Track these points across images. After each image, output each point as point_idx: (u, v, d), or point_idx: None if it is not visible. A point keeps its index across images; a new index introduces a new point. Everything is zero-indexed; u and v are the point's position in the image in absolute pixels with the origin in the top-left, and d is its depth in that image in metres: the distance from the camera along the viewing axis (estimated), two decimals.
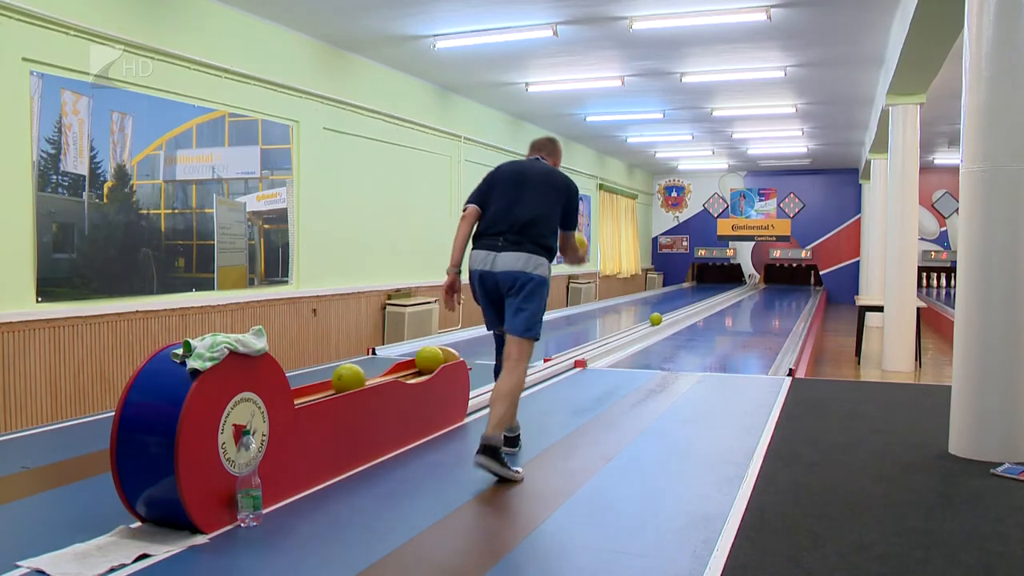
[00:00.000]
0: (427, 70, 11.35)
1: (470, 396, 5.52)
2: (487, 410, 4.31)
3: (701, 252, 25.44)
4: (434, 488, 4.02)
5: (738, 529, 3.32)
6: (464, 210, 4.60)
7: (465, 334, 10.76)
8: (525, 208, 4.40)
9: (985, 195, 4.55)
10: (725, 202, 24.98)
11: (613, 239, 21.17)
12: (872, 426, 5.40)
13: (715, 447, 4.92)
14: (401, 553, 3.12)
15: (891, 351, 10.74)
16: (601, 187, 20.34)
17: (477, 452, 3.99)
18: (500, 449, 4.01)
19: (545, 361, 7.58)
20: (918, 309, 10.95)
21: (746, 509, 3.57)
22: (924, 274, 20.79)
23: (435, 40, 9.71)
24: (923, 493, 3.93)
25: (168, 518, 3.19)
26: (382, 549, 3.14)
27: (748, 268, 24.99)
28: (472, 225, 4.57)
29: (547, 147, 4.86)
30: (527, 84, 12.36)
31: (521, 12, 8.84)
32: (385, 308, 10.82)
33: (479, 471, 3.97)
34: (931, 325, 13.87)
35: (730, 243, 24.94)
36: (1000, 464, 4.33)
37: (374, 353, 8.25)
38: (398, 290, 11.15)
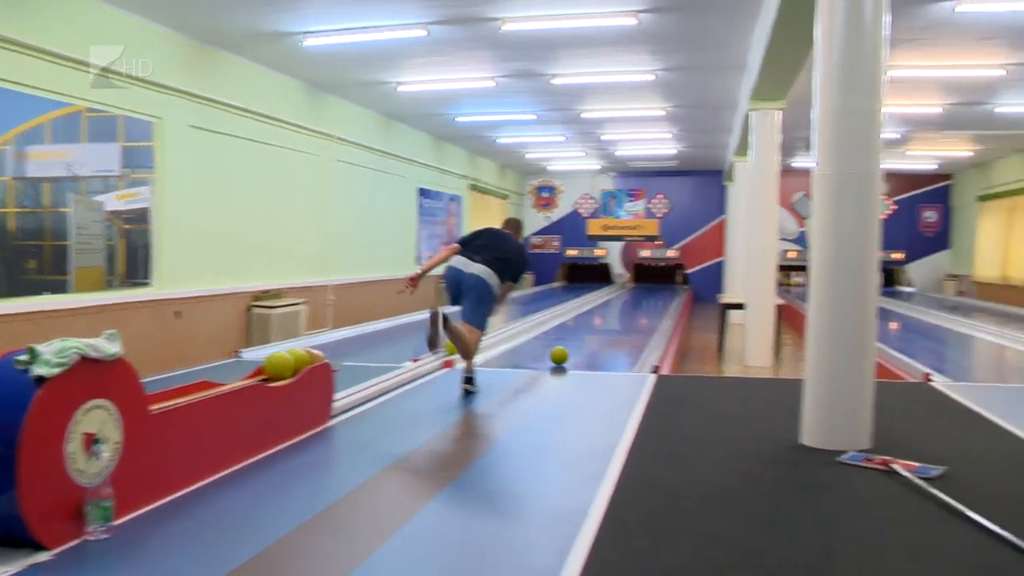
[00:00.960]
0: (297, 68, 11.18)
1: (335, 398, 5.45)
2: (356, 411, 5.31)
3: (572, 252, 25.79)
4: (299, 490, 3.97)
5: (600, 524, 3.38)
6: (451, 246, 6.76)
7: (336, 335, 10.63)
8: (499, 252, 6.53)
9: (835, 197, 4.76)
10: (596, 203, 25.39)
11: None
12: (731, 420, 5.59)
13: (580, 444, 5.00)
14: (265, 556, 3.07)
15: (751, 347, 11.13)
16: (472, 187, 20.41)
17: (463, 381, 6.33)
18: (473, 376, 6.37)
19: (414, 361, 7.56)
20: (777, 306, 11.37)
21: (608, 505, 3.64)
22: (784, 272, 21.53)
23: (304, 37, 9.57)
24: (775, 483, 4.10)
25: (7, 535, 3.03)
26: (243, 554, 3.07)
27: (617, 268, 25.47)
28: (449, 256, 6.65)
29: (515, 227, 7.20)
30: (398, 84, 12.30)
31: (392, 11, 8.81)
32: (251, 310, 10.60)
33: (338, 476, 3.95)
34: (790, 321, 14.41)
35: (600, 243, 25.36)
36: (845, 452, 4.53)
37: (239, 356, 8.07)
38: (266, 291, 10.94)
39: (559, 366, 7.66)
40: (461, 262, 6.47)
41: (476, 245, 6.61)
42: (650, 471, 4.27)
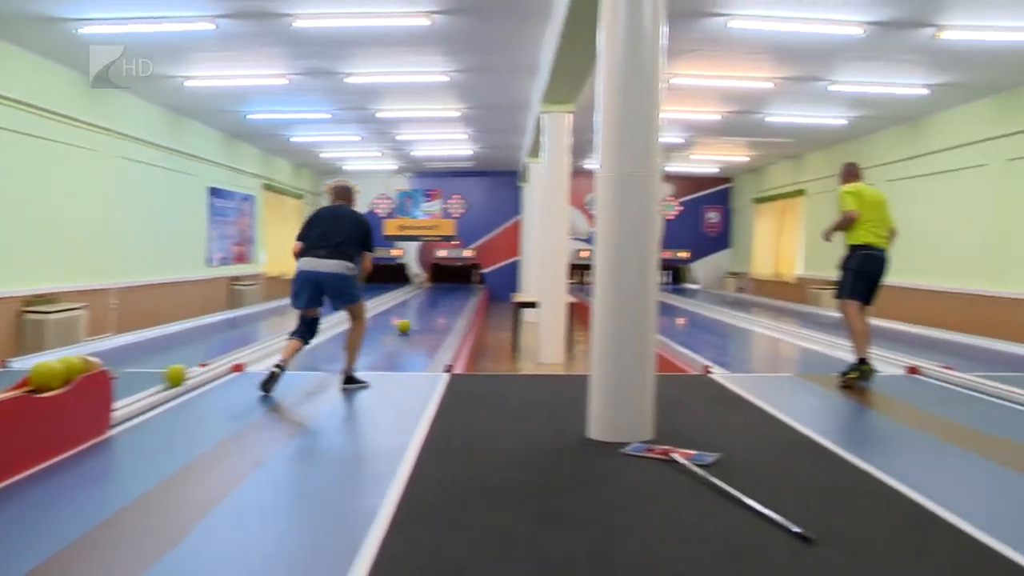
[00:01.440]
0: (73, 58, 10.52)
1: (115, 407, 5.18)
2: (138, 419, 5.15)
3: None
4: (73, 505, 3.74)
5: (388, 525, 3.38)
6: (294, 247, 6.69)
7: (120, 340, 10.12)
8: (340, 236, 6.54)
9: (617, 197, 4.95)
10: (392, 203, 25.32)
11: (279, 240, 20.77)
12: (522, 416, 5.71)
13: (371, 445, 5.00)
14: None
15: (545, 344, 11.41)
16: (267, 187, 19.91)
17: (343, 383, 6.60)
18: (355, 376, 6.63)
19: (201, 366, 7.30)
20: (569, 304, 11.69)
21: (397, 504, 3.65)
22: (577, 271, 22.13)
23: (79, 24, 9.05)
24: (561, 477, 4.21)
25: None
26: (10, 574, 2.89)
27: (414, 268, 25.49)
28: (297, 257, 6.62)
29: (345, 195, 7.06)
30: (186, 78, 11.84)
31: (177, 1, 8.47)
32: (23, 316, 9.93)
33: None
34: (582, 319, 14.85)
35: (397, 243, 25.30)
36: (629, 444, 4.73)
37: (7, 366, 7.54)
38: (39, 296, 10.27)
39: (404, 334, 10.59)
40: (311, 263, 6.47)
41: (315, 237, 6.57)
42: (440, 468, 4.30)
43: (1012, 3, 8.30)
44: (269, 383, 6.23)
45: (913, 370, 7.75)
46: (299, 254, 6.59)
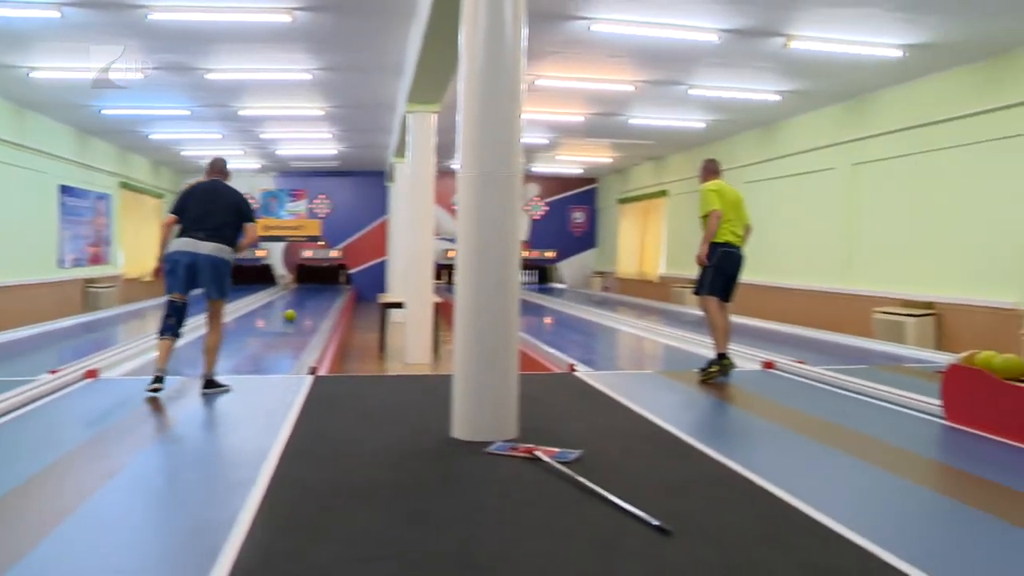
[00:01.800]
0: None
1: None
2: None
3: None
4: None
5: (247, 532, 3.30)
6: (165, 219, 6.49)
7: None
8: (219, 218, 6.39)
9: (479, 197, 4.96)
10: (256, 203, 24.76)
11: (138, 241, 20.08)
12: (386, 418, 5.66)
13: (231, 450, 4.87)
14: None
15: (411, 345, 11.36)
16: (124, 185, 19.21)
17: (203, 387, 6.40)
18: (215, 380, 6.46)
19: (51, 373, 6.97)
20: (436, 304, 11.68)
21: (257, 510, 3.56)
22: (445, 271, 22.08)
23: None
24: (424, 477, 4.19)
25: None
26: None
27: (280, 268, 25.02)
28: (171, 231, 6.44)
29: (220, 170, 6.87)
30: (31, 69, 11.28)
31: None
32: None
33: None
34: (449, 319, 14.80)
35: (261, 244, 24.78)
36: (493, 443, 4.75)
37: None
38: None
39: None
40: (188, 244, 6.26)
41: (193, 218, 6.35)
42: (303, 472, 4.23)
43: (854, 18, 8.73)
44: (155, 391, 6.13)
45: (769, 365, 8.03)
46: (178, 234, 6.36)
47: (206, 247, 6.26)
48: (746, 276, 7.43)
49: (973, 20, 8.70)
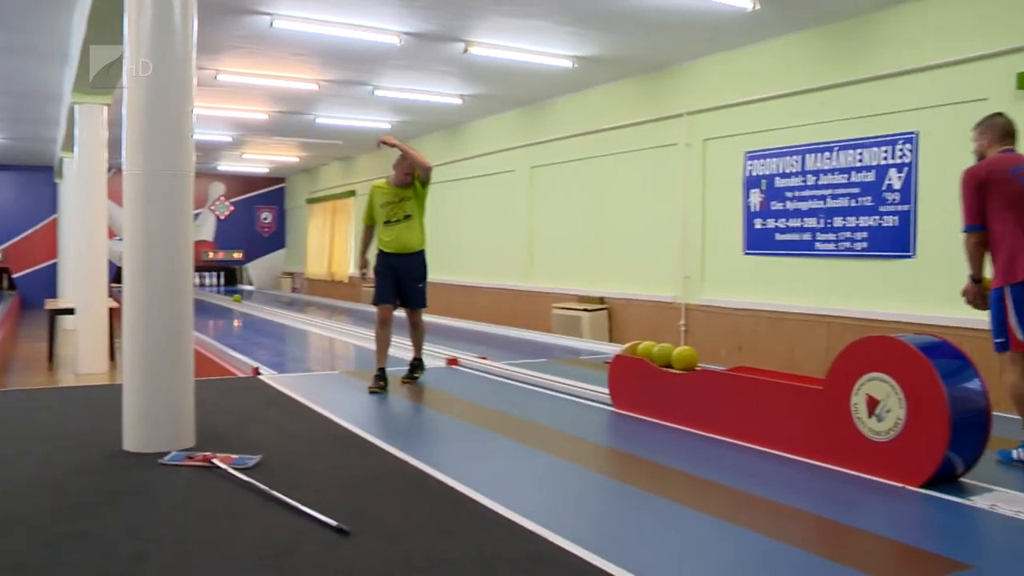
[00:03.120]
0: None
1: None
2: None
3: None
4: None
5: None
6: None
7: None
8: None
9: (146, 197, 4.69)
10: None
11: None
12: (47, 432, 5.23)
13: None
14: None
15: (84, 353, 10.66)
16: None
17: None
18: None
19: None
20: (111, 309, 11.01)
21: None
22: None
23: None
24: (89, 494, 3.91)
25: None
26: None
27: None
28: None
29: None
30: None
31: None
32: None
33: None
34: None
35: None
36: (168, 453, 4.53)
37: None
38: None
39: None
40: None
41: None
42: None
43: (526, 29, 9.18)
44: None
45: (452, 361, 8.25)
46: None
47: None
48: (433, 275, 7.58)
49: (636, 38, 9.39)
